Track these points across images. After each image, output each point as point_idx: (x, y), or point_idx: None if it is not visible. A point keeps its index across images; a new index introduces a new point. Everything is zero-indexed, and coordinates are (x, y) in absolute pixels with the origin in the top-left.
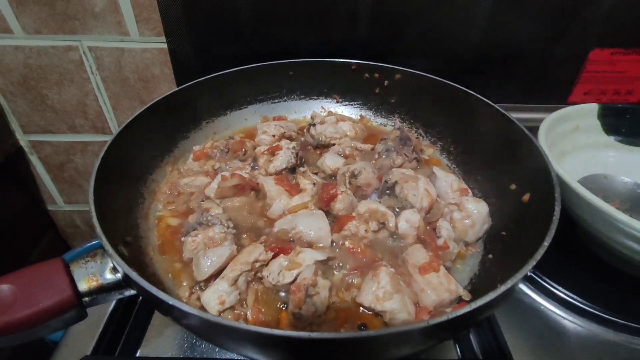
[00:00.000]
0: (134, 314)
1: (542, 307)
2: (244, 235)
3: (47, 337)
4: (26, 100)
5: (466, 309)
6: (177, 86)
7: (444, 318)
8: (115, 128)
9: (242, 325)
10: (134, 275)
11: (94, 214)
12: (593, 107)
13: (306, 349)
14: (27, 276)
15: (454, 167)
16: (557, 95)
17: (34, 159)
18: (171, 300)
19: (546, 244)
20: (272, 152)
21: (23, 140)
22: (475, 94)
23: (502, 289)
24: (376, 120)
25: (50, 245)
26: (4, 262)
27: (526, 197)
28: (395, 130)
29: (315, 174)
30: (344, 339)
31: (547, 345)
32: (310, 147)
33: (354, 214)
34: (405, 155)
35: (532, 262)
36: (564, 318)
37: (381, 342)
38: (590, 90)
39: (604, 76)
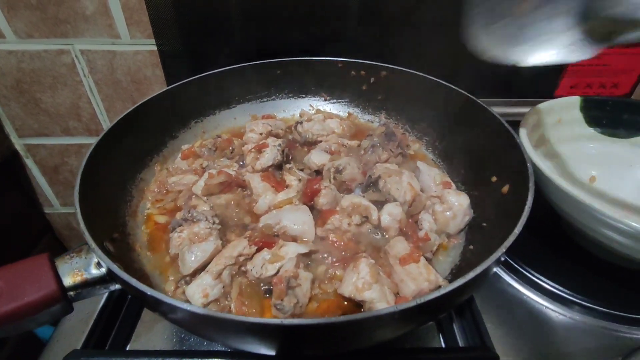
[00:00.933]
0: (123, 310)
1: (525, 297)
2: (230, 231)
3: (42, 337)
4: (20, 104)
5: (435, 294)
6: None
7: (412, 304)
8: None
9: (217, 313)
10: (115, 268)
11: (78, 210)
12: (575, 100)
13: (284, 337)
14: (12, 271)
15: (439, 162)
16: (544, 89)
17: (29, 162)
18: (149, 291)
19: (517, 231)
20: (259, 149)
21: (18, 143)
22: (458, 89)
23: (470, 275)
24: (364, 117)
25: (48, 248)
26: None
27: (505, 188)
28: (380, 127)
29: (302, 170)
30: (315, 325)
31: (530, 333)
32: (298, 145)
33: (338, 209)
34: (391, 150)
35: (502, 249)
36: (547, 307)
37: (353, 328)
38: (576, 84)
39: (590, 70)
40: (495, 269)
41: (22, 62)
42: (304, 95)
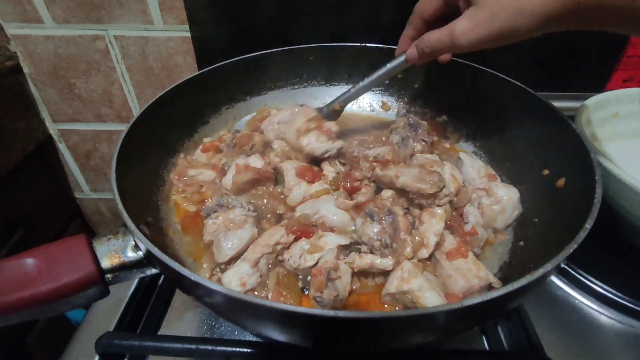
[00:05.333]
0: (154, 296)
1: (576, 301)
2: (265, 220)
3: (72, 319)
4: (55, 90)
5: (502, 290)
6: None
7: (478, 300)
8: None
9: (267, 302)
10: (156, 251)
11: (116, 191)
12: (635, 92)
13: (329, 329)
14: (51, 251)
15: (480, 154)
16: (594, 82)
17: (62, 147)
18: (193, 276)
19: (588, 226)
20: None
21: (52, 128)
22: (502, 76)
23: (540, 271)
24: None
25: (77, 232)
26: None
27: (561, 182)
28: (401, 118)
29: (343, 164)
30: (373, 319)
31: (582, 340)
32: None
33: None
34: (423, 140)
35: (574, 245)
36: (601, 313)
37: (410, 324)
38: (631, 77)
39: None
40: (562, 266)
41: (59, 47)
42: (336, 83)
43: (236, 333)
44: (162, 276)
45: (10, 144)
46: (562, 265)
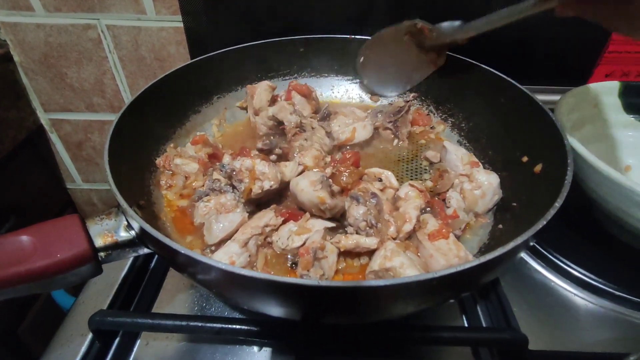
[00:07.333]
0: (145, 279)
1: (552, 283)
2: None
3: (63, 306)
4: (47, 79)
5: (475, 262)
6: None
7: (452, 270)
8: None
9: (255, 273)
10: (148, 228)
11: (108, 171)
12: (614, 85)
13: (313, 300)
14: (45, 229)
15: (465, 143)
16: (576, 77)
17: (53, 137)
18: (185, 251)
19: (557, 205)
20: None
21: (44, 118)
22: (486, 67)
23: (511, 245)
24: (387, 99)
25: None
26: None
27: (538, 167)
28: (400, 101)
29: None
30: (353, 288)
31: (557, 320)
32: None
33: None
34: (391, 122)
35: (543, 222)
36: (576, 295)
37: (388, 293)
38: (612, 72)
39: (628, 57)
40: (531, 243)
41: (50, 36)
42: (326, 75)
43: (226, 313)
44: (154, 259)
45: (1, 133)
46: (532, 243)
